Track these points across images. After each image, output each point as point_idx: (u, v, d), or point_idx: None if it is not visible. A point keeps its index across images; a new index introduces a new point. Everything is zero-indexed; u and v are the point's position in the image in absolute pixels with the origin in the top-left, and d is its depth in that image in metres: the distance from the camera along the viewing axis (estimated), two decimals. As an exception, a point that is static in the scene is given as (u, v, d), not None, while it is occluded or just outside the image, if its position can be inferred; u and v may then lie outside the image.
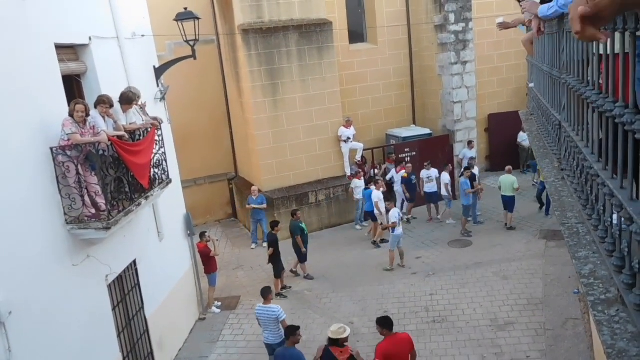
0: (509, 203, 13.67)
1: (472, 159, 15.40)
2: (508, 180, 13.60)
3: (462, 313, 10.09)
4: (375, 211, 13.25)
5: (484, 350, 8.91)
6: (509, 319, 9.72)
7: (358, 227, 14.99)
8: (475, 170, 14.44)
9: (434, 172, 14.55)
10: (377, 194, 13.17)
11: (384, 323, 6.98)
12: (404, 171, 14.89)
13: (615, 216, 2.43)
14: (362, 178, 14.70)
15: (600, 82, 2.68)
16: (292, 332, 7.37)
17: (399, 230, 11.99)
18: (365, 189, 14.06)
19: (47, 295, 6.13)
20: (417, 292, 10.88)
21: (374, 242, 13.62)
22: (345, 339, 6.90)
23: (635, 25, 1.92)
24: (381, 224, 13.04)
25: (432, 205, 14.95)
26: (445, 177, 14.59)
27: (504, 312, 9.93)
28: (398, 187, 15.14)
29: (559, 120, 4.03)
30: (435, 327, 9.74)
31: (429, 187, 14.58)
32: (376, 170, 15.98)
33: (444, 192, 14.62)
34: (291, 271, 12.30)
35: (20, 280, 5.71)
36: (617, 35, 2.22)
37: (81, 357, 6.70)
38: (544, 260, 11.71)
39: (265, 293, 8.64)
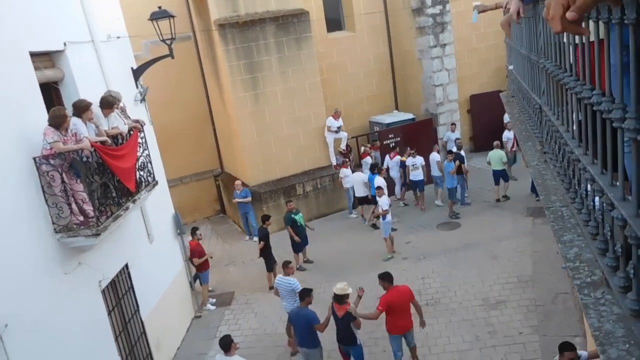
0: (500, 176, 14.12)
1: (457, 139, 15.48)
2: (497, 155, 14.06)
3: (454, 295, 10.24)
4: (378, 198, 13.27)
5: (477, 329, 9.07)
6: (500, 297, 9.89)
7: (352, 215, 15.03)
8: (462, 152, 14.57)
9: (419, 159, 14.49)
10: (380, 180, 13.26)
11: (385, 277, 7.98)
12: (398, 157, 14.98)
13: (597, 199, 2.47)
14: (350, 167, 14.74)
15: (577, 69, 2.73)
16: (306, 294, 8.10)
17: (389, 217, 12.10)
18: (372, 173, 14.05)
19: (41, 305, 6.13)
20: (409, 277, 10.98)
21: (374, 225, 13.74)
22: (347, 296, 7.77)
23: (609, 15, 1.95)
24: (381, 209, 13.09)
25: (419, 193, 14.87)
26: (435, 156, 14.65)
27: (495, 291, 10.10)
28: (394, 173, 15.14)
29: (539, 104, 4.07)
30: (429, 310, 9.86)
31: (415, 175, 14.53)
32: (370, 158, 15.76)
33: (435, 173, 14.61)
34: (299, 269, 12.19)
35: (13, 292, 5.69)
36: (591, 23, 2.26)
37: (81, 363, 6.72)
38: (531, 237, 11.89)
39: (285, 265, 9.30)
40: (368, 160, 15.38)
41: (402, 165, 14.95)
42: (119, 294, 8.13)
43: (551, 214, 3.29)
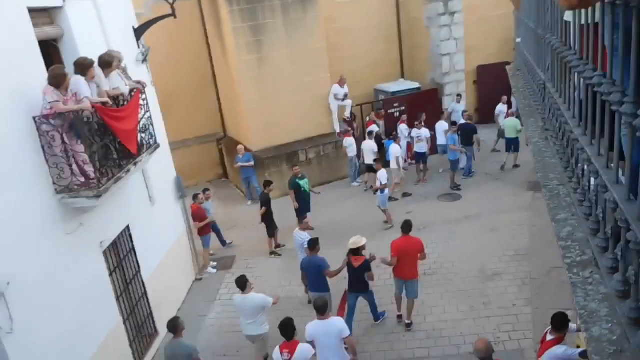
0: (513, 144, 14.14)
1: (464, 112, 15.33)
2: (512, 123, 14.04)
3: (452, 265, 10.34)
4: (393, 165, 13.32)
5: (472, 300, 9.20)
6: (497, 269, 9.99)
7: (355, 184, 15.04)
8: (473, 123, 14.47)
9: (424, 131, 14.35)
10: (397, 149, 13.22)
11: (404, 226, 8.55)
12: (404, 125, 14.94)
13: (593, 180, 2.48)
14: (353, 136, 14.66)
15: (581, 49, 2.68)
16: (315, 243, 8.67)
17: (387, 190, 12.18)
18: (389, 139, 14.12)
19: (43, 264, 6.22)
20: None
21: (396, 197, 13.66)
22: (363, 247, 8.28)
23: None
24: (402, 178, 13.26)
25: (422, 166, 14.65)
26: (443, 125, 14.56)
27: (492, 264, 10.19)
28: (405, 142, 15.04)
29: (543, 80, 4.02)
30: (427, 280, 9.98)
31: (419, 147, 14.40)
32: (375, 126, 15.57)
33: (442, 142, 14.54)
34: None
35: (15, 251, 5.77)
36: (597, 5, 2.22)
37: (83, 321, 6.87)
38: (530, 212, 11.93)
39: (300, 221, 10.27)
40: (374, 128, 15.27)
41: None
42: (120, 256, 8.24)
43: (548, 192, 3.30)
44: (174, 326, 6.95)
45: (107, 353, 7.34)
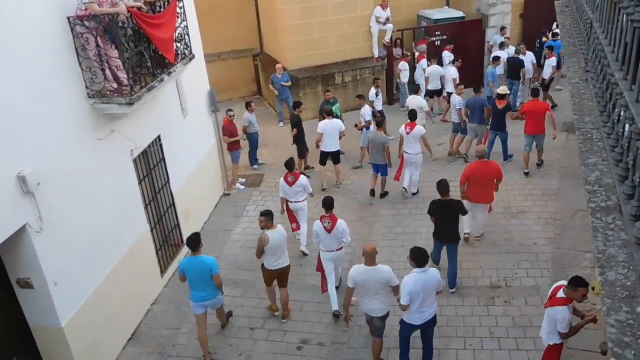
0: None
1: (519, 45, 14.38)
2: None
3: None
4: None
5: (495, 235, 9.23)
6: (522, 207, 9.94)
7: (402, 109, 14.34)
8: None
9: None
10: (453, 71, 13.35)
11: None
12: (424, 60, 14.21)
13: (627, 127, 2.38)
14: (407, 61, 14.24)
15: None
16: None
17: (372, 127, 11.56)
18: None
19: (73, 166, 6.37)
20: (436, 177, 10.81)
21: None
22: (507, 95, 11.20)
23: None
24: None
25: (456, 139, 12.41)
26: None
27: (518, 201, 10.12)
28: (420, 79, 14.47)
29: (590, 18, 3.76)
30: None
31: (457, 118, 12.16)
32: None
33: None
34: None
35: (46, 152, 5.90)
36: None
37: (111, 226, 7.13)
38: (562, 152, 11.69)
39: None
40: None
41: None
42: (150, 165, 8.41)
43: (581, 135, 3.20)
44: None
45: (134, 258, 7.65)
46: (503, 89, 11.21)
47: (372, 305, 6.36)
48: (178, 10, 8.09)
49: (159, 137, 8.45)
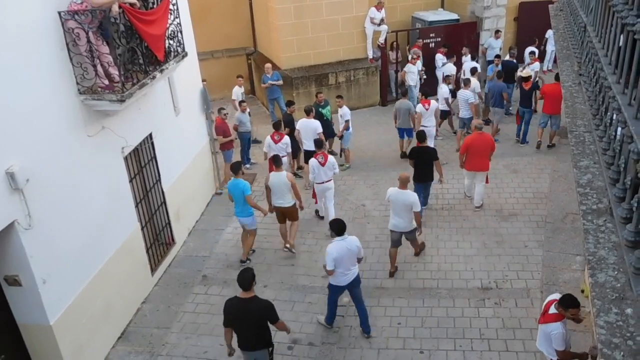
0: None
1: (512, 50, 14.39)
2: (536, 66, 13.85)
3: (470, 202, 10.32)
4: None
5: (486, 238, 9.26)
6: (514, 210, 9.98)
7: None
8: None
9: (470, 93, 12.13)
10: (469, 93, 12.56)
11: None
12: (419, 62, 14.23)
13: (619, 130, 2.40)
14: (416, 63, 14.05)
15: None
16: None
17: (351, 128, 11.83)
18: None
19: (63, 163, 6.30)
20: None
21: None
22: (530, 77, 12.20)
23: None
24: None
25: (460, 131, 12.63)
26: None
27: (510, 204, 10.16)
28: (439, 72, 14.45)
29: (584, 22, 3.78)
30: (443, 214, 10.04)
31: (464, 113, 12.25)
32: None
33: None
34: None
35: (35, 149, 5.82)
36: None
37: (101, 224, 7.06)
38: (554, 156, 11.79)
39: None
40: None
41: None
42: (142, 163, 8.35)
43: (573, 138, 3.21)
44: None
45: (124, 256, 7.59)
46: (526, 72, 12.22)
47: (396, 221, 8.10)
48: (171, 7, 8.03)
49: (150, 135, 8.39)
